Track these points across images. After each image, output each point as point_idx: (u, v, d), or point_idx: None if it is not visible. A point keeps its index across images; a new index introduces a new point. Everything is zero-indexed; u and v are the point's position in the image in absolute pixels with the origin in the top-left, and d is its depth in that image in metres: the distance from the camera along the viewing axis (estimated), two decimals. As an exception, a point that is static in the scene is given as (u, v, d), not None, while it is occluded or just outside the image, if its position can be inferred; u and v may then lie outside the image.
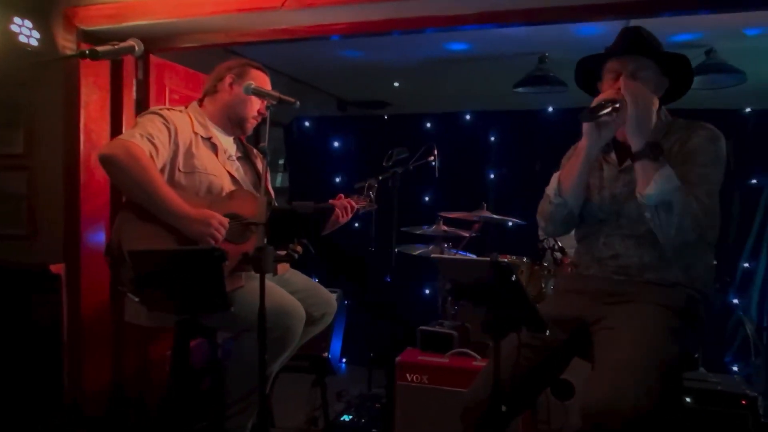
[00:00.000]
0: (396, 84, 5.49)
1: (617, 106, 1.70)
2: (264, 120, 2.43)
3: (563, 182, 1.88)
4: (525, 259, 3.47)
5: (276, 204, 2.29)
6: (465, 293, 1.36)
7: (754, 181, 4.72)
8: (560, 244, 3.43)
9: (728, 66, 4.08)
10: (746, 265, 4.62)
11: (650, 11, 3.00)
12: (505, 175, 5.13)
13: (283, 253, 1.88)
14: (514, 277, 1.23)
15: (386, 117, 5.53)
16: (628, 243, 1.79)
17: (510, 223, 3.94)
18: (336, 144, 5.61)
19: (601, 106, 1.72)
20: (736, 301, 4.58)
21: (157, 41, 3.16)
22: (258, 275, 1.76)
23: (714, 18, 3.46)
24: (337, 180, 5.51)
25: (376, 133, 5.41)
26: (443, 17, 2.99)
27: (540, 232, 4.29)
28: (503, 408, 1.56)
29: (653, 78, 1.82)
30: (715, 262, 1.83)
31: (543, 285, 3.43)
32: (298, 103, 2.14)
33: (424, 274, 4.84)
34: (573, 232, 2.05)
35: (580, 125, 5.82)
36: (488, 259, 1.26)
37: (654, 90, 1.82)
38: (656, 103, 1.72)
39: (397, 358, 2.91)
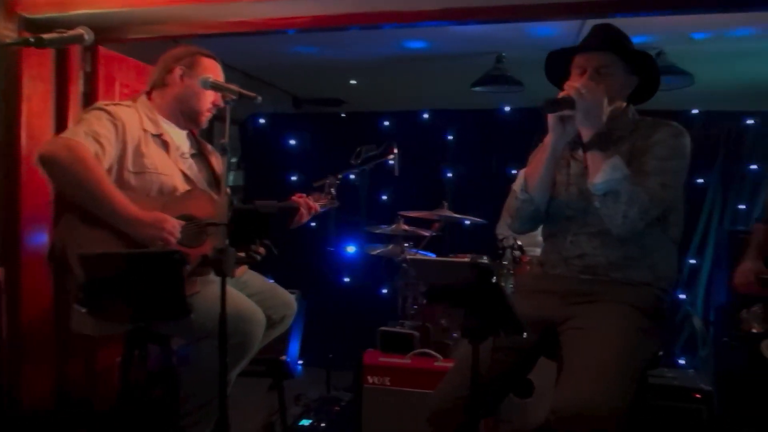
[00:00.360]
0: (353, 82, 5.42)
1: (573, 101, 1.72)
2: (219, 116, 2.32)
3: (529, 178, 1.88)
4: (485, 258, 3.47)
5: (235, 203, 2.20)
6: (441, 296, 1.32)
7: (700, 180, 4.88)
8: (519, 243, 3.44)
9: (677, 68, 4.20)
10: (692, 261, 4.78)
11: (605, 12, 3.05)
12: (463, 173, 5.15)
13: (243, 254, 1.80)
14: (494, 279, 1.20)
15: (343, 115, 5.46)
16: (594, 242, 1.80)
17: (468, 222, 3.96)
18: (292, 142, 5.52)
19: (559, 101, 1.73)
20: (683, 296, 4.73)
21: (106, 32, 2.99)
22: (214, 280, 1.67)
23: (664, 22, 3.55)
24: (294, 178, 5.41)
25: (334, 131, 5.35)
26: (402, 13, 2.96)
27: (498, 231, 4.33)
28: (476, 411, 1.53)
29: (619, 75, 1.83)
30: (693, 262, 1.88)
31: (503, 284, 3.44)
32: (259, 98, 2.05)
33: (384, 274, 4.81)
34: (539, 230, 2.05)
35: (536, 124, 5.87)
36: (468, 260, 1.22)
37: (620, 87, 1.84)
38: (605, 98, 1.73)
39: (358, 362, 2.86)
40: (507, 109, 5.17)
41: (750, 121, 5.22)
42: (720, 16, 3.53)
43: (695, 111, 5.02)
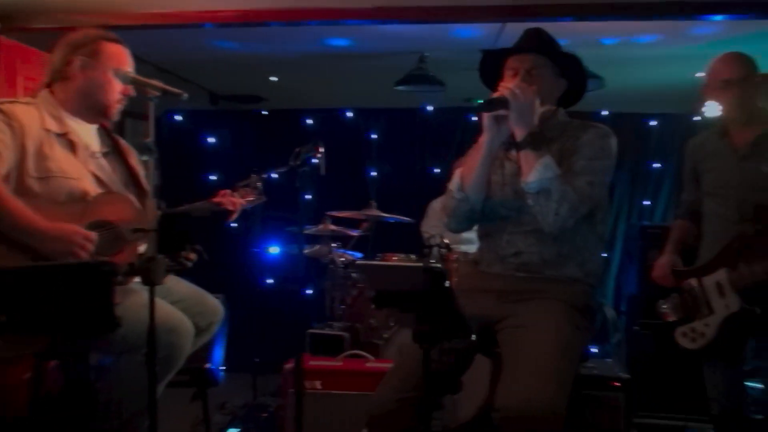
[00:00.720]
0: (273, 78, 5.29)
1: (507, 101, 1.76)
2: (130, 112, 2.16)
3: (465, 178, 1.90)
4: (412, 256, 3.50)
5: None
6: (391, 301, 1.29)
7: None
8: (446, 240, 3.48)
9: (588, 72, 4.40)
10: (603, 254, 5.04)
11: (523, 16, 3.16)
12: (387, 172, 5.17)
13: (172, 261, 1.69)
14: (447, 283, 1.19)
15: (265, 112, 5.33)
16: (530, 240, 1.84)
17: (392, 220, 3.97)
18: (211, 140, 5.32)
19: (494, 101, 1.77)
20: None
21: (8, 19, 2.74)
22: (135, 289, 1.55)
23: (576, 27, 3.71)
24: (213, 178, 5.22)
25: (255, 129, 5.21)
26: (328, 11, 2.92)
27: (423, 229, 4.38)
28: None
29: (549, 77, 1.89)
30: (605, 256, 1.97)
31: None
32: (186, 95, 1.93)
33: (310, 275, 4.75)
34: (474, 228, 2.08)
35: (457, 123, 6.01)
36: (420, 264, 1.20)
37: (550, 89, 1.89)
38: (536, 98, 1.78)
39: (287, 365, 2.79)
40: (429, 108, 5.23)
41: (653, 123, 5.58)
42: (627, 23, 3.74)
43: (605, 112, 5.29)
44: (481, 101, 1.82)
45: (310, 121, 5.24)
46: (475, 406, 2.90)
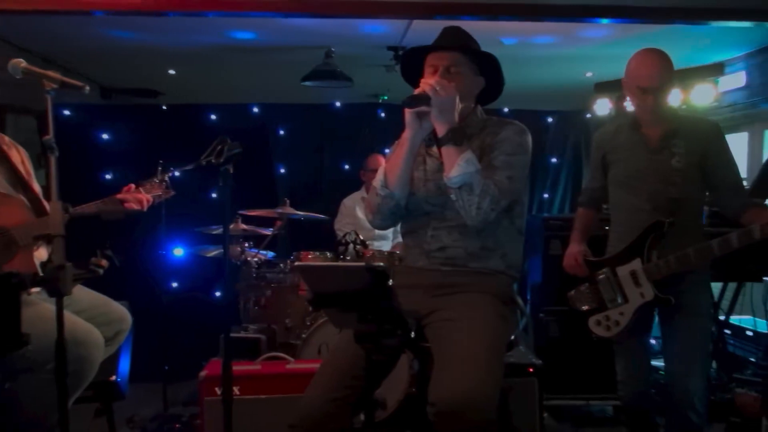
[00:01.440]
0: (171, 72, 5.03)
1: (429, 97, 1.77)
2: (8, 106, 1.95)
3: (388, 174, 1.90)
4: (328, 254, 3.45)
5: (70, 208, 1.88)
6: (330, 302, 1.25)
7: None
8: (361, 237, 3.48)
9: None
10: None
11: (430, 13, 3.20)
12: (297, 169, 5.08)
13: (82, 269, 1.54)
14: (390, 282, 1.17)
15: (165, 107, 5.05)
16: (454, 235, 1.87)
17: (304, 218, 3.90)
18: (105, 136, 4.96)
19: (416, 97, 1.78)
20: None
21: None
22: (34, 301, 1.40)
23: (477, 26, 3.83)
24: (108, 177, 4.88)
25: (154, 124, 4.93)
26: (229, 2, 2.80)
27: (336, 226, 4.35)
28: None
29: (468, 74, 1.92)
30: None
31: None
32: (87, 88, 1.78)
33: (221, 276, 4.57)
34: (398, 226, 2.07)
35: (366, 118, 6.00)
36: (362, 264, 1.17)
37: (470, 86, 1.93)
38: (456, 95, 1.81)
39: (202, 372, 2.66)
40: (338, 104, 5.19)
41: (550, 119, 5.89)
42: (525, 24, 3.91)
43: (506, 109, 5.50)
44: (386, 98, 1.81)
45: (213, 117, 5.03)
46: (395, 399, 2.93)
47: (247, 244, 3.52)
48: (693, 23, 3.30)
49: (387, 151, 5.77)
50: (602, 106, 4.92)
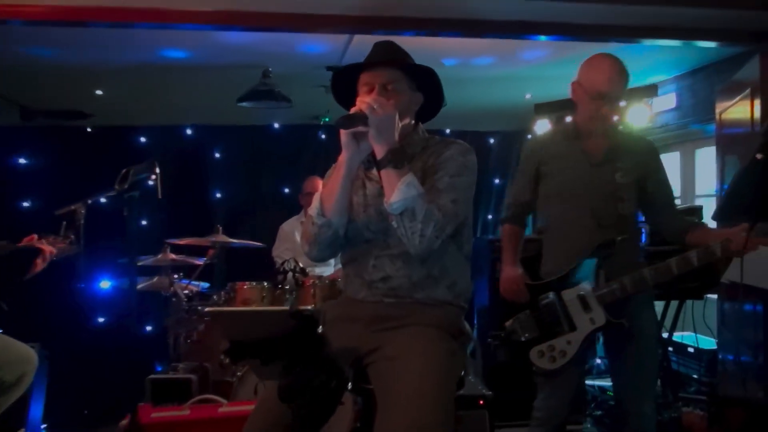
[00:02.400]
0: (99, 92, 4.74)
1: (366, 117, 1.64)
2: None
3: (325, 201, 1.74)
4: (266, 284, 3.25)
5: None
6: (250, 352, 1.06)
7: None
8: (301, 265, 3.30)
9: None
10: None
11: (370, 27, 3.11)
12: (233, 194, 4.85)
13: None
14: (320, 329, 1.00)
15: (89, 129, 4.74)
16: (397, 263, 1.73)
17: (240, 246, 3.69)
18: (22, 161, 4.60)
19: (352, 116, 1.63)
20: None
21: None
22: None
23: (417, 45, 3.77)
24: (26, 205, 4.52)
25: (77, 148, 4.61)
26: (161, 12, 2.61)
27: (275, 253, 4.13)
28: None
29: (406, 91, 1.79)
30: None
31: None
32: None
33: (150, 311, 4.26)
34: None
35: (307, 140, 5.81)
36: (286, 308, 1.00)
37: (408, 103, 1.80)
38: (396, 113, 1.67)
39: (122, 422, 2.41)
40: (276, 125, 5.01)
41: (492, 140, 5.89)
42: (465, 45, 3.87)
43: (448, 131, 5.46)
44: (327, 119, 1.67)
45: (143, 140, 4.75)
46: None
47: (176, 276, 3.27)
48: (626, 41, 3.32)
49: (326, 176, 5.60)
50: (542, 127, 4.95)
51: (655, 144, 2.41)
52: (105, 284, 4.22)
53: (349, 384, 1.15)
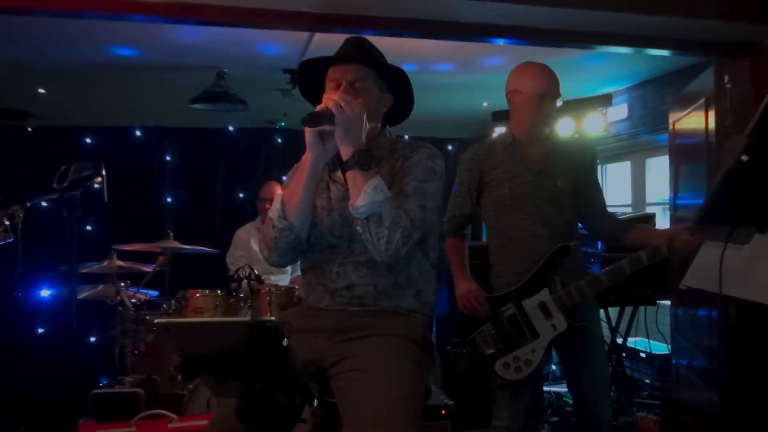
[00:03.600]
0: (41, 91, 4.50)
1: (332, 115, 1.56)
2: None
3: (287, 203, 1.65)
4: (219, 292, 3.12)
5: None
6: (204, 368, 0.96)
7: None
8: (257, 272, 3.18)
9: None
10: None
11: (330, 25, 3.03)
12: (185, 198, 4.67)
13: None
14: (285, 342, 0.91)
15: (30, 129, 4.49)
16: (362, 271, 1.65)
17: (192, 252, 3.54)
18: (-46, 161, 4.33)
19: (320, 114, 1.55)
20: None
21: None
22: None
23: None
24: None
25: (16, 149, 4.35)
26: (107, 1, 2.45)
27: (229, 260, 4.00)
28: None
29: (374, 90, 1.72)
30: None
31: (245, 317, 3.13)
32: None
33: (94, 321, 4.03)
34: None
35: (262, 145, 5.67)
36: (247, 319, 0.90)
37: (376, 104, 1.73)
38: (364, 113, 1.60)
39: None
40: (231, 128, 4.87)
41: (450, 147, 5.89)
42: (426, 51, 3.85)
43: (406, 137, 5.40)
44: (283, 123, 1.57)
45: (89, 141, 4.53)
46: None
47: (123, 284, 3.09)
48: (581, 46, 3.35)
49: (285, 178, 5.49)
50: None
51: (593, 147, 2.43)
52: (45, 292, 3.98)
53: (315, 401, 1.05)
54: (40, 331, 4.08)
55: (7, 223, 2.05)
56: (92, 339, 4.27)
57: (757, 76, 2.48)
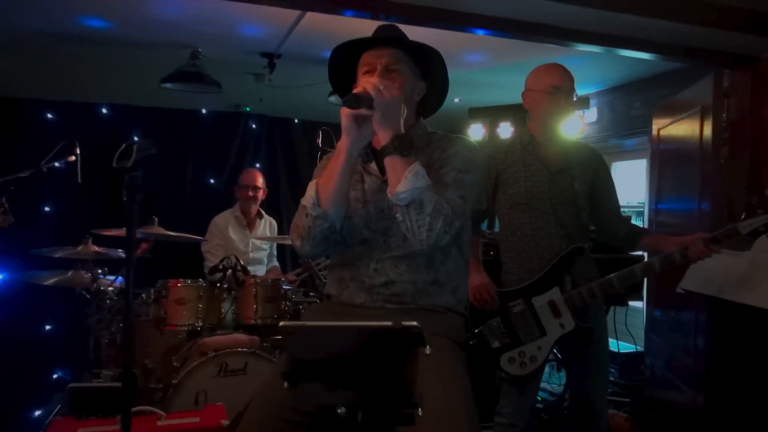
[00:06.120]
0: (-3, 60, 4.17)
1: (371, 99, 1.49)
2: None
3: (322, 190, 1.56)
4: (202, 282, 2.98)
5: None
6: (316, 373, 0.86)
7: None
8: (242, 263, 3.05)
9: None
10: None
11: (332, 5, 2.93)
12: (151, 180, 4.41)
13: None
14: (428, 350, 0.83)
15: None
16: (400, 267, 1.58)
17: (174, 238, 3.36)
18: None
19: (359, 97, 1.48)
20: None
21: None
22: None
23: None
24: None
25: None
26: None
27: (204, 248, 3.82)
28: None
29: (409, 76, 1.65)
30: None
31: (223, 311, 3.00)
32: None
33: (64, 310, 3.77)
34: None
35: (235, 129, 5.46)
36: (389, 324, 0.82)
37: (411, 90, 1.66)
38: (402, 97, 1.54)
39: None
40: (204, 111, 4.66)
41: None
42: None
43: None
44: (248, 108, 1.47)
45: (50, 116, 4.23)
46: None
47: (99, 270, 2.90)
48: (559, 43, 3.38)
49: (258, 165, 5.34)
50: (476, 131, 5.00)
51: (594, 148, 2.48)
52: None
53: (419, 411, 0.95)
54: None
55: (5, 204, 1.87)
56: (47, 327, 4.02)
57: (756, 88, 2.56)
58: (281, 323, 0.83)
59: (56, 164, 2.84)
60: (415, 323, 0.83)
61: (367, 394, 0.84)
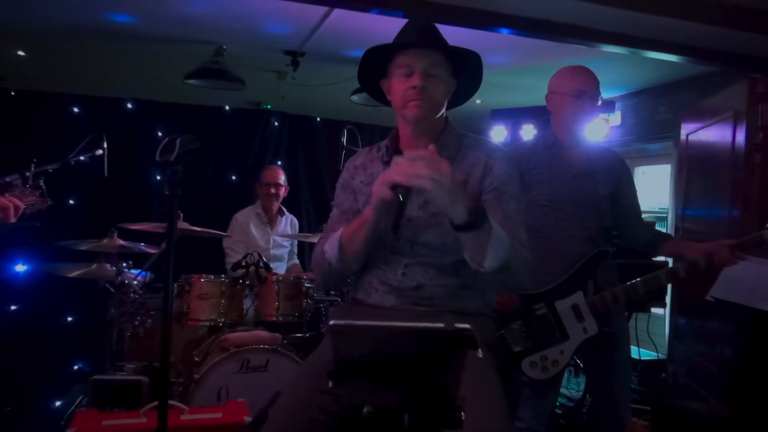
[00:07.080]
0: (21, 53, 4.21)
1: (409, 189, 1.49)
2: None
3: (346, 247, 1.56)
4: (224, 278, 2.98)
5: None
6: (363, 374, 0.84)
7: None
8: (265, 260, 3.06)
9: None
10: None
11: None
12: (177, 176, 4.44)
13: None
14: (479, 353, 0.82)
15: (13, 93, 4.20)
16: (430, 272, 1.57)
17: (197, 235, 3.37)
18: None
19: (403, 188, 1.42)
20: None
21: None
22: None
23: (366, 41, 3.57)
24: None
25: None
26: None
27: (226, 245, 3.83)
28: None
29: (444, 77, 1.60)
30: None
31: (245, 308, 3.00)
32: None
33: (86, 303, 3.80)
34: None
35: (257, 128, 5.44)
36: (441, 326, 0.80)
37: (445, 92, 1.62)
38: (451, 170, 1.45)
39: (73, 426, 2.09)
40: (227, 108, 4.67)
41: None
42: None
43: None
44: (269, 106, 1.44)
45: (76, 110, 4.27)
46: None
47: (124, 264, 2.91)
48: (585, 44, 3.34)
49: (280, 162, 5.35)
50: (499, 133, 4.98)
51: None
52: (21, 267, 3.74)
53: (462, 414, 0.93)
54: (13, 308, 3.83)
55: (42, 185, 1.88)
56: (69, 319, 4.05)
57: (791, 95, 2.52)
58: (331, 322, 0.81)
59: (82, 158, 2.85)
60: (467, 326, 0.81)
61: (415, 396, 0.83)
